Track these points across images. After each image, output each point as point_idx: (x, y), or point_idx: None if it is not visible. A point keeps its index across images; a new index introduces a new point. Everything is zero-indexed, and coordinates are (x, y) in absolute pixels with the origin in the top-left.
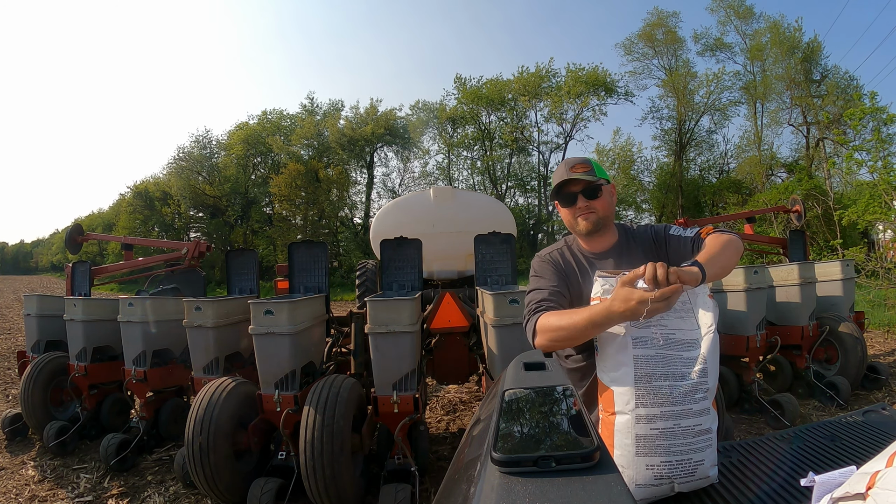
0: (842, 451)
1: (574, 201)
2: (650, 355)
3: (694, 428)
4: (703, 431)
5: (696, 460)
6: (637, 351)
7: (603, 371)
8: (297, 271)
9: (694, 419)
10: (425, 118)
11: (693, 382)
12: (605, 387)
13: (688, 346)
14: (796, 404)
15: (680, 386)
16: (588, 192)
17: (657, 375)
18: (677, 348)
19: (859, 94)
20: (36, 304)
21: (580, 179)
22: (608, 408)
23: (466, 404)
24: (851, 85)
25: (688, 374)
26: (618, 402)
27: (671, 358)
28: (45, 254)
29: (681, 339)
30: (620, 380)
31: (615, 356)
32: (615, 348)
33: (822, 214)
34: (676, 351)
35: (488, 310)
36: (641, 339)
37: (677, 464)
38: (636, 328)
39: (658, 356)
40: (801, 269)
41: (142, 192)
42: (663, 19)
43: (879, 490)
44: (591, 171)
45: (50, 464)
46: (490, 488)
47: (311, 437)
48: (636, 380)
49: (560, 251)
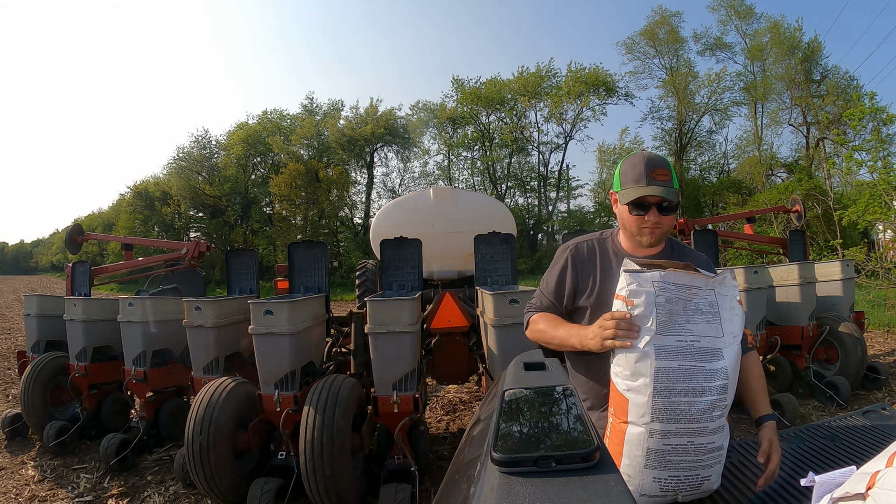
0: (842, 451)
1: (646, 211)
2: (672, 368)
3: (707, 445)
4: (716, 448)
5: (704, 476)
6: (660, 363)
7: (619, 377)
8: (297, 271)
9: (708, 437)
10: (425, 118)
11: (713, 399)
12: (619, 393)
13: (710, 355)
14: (796, 404)
15: (699, 402)
16: (664, 207)
17: (677, 391)
18: (700, 359)
19: (859, 94)
20: (36, 304)
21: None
22: (621, 415)
23: (466, 404)
24: (851, 85)
25: (708, 389)
26: (632, 413)
27: (693, 371)
28: (45, 254)
29: (705, 347)
30: (638, 390)
31: (634, 365)
32: (636, 357)
33: (822, 214)
34: (699, 362)
35: (488, 310)
36: (665, 350)
37: (685, 479)
38: (660, 335)
39: (680, 369)
40: (801, 269)
41: (142, 192)
42: (666, 18)
43: (879, 490)
44: (671, 179)
45: (50, 464)
46: (490, 488)
47: (311, 437)
48: (655, 393)
49: (591, 244)
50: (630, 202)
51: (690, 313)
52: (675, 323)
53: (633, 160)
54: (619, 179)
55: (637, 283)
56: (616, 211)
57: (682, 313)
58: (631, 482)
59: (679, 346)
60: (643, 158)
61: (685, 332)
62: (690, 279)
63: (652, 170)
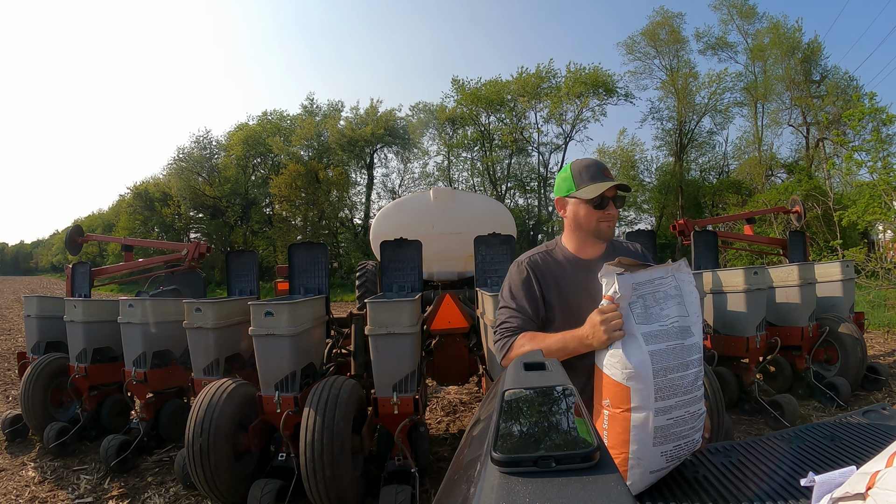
0: (842, 451)
1: (606, 206)
2: (662, 350)
3: (697, 412)
4: (702, 413)
5: (696, 439)
6: (651, 347)
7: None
8: (297, 272)
9: (697, 404)
10: (425, 119)
11: (695, 371)
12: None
13: (686, 333)
14: (796, 405)
15: (688, 375)
16: (619, 200)
17: (671, 368)
18: (680, 337)
19: (859, 94)
20: (36, 306)
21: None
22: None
23: (466, 405)
24: (851, 85)
25: (691, 363)
26: (635, 399)
27: (678, 349)
28: (45, 254)
29: (681, 326)
30: (638, 377)
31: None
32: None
33: (822, 215)
34: (680, 340)
35: (488, 311)
36: (652, 336)
37: (684, 445)
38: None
39: (668, 349)
40: (801, 269)
41: (142, 193)
42: (668, 19)
43: (879, 490)
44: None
45: (50, 465)
46: (490, 488)
47: (312, 438)
48: (655, 374)
49: (543, 255)
50: (592, 198)
51: (662, 300)
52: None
53: (582, 164)
54: (571, 182)
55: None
56: (567, 214)
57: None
58: (640, 464)
59: (662, 330)
60: (591, 162)
61: (663, 317)
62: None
63: (602, 169)
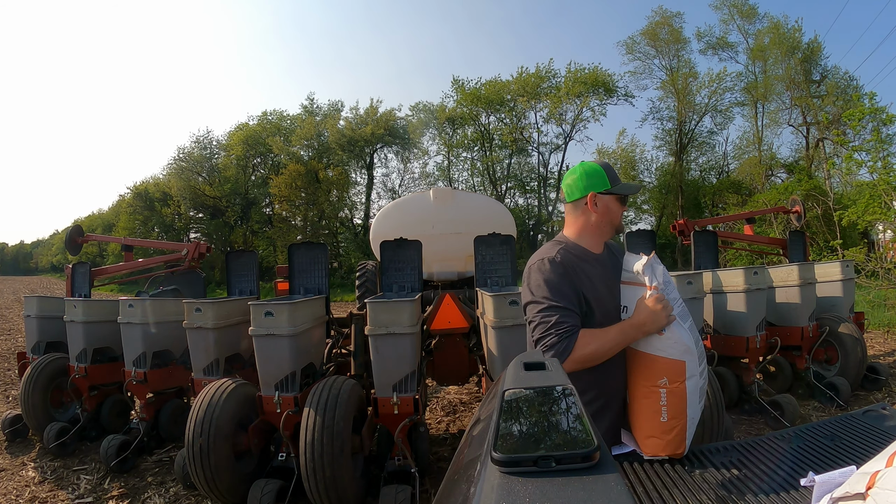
0: (842, 451)
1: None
2: (690, 325)
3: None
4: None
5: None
6: (687, 324)
7: (672, 347)
8: (297, 273)
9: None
10: (425, 119)
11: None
12: (674, 360)
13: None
14: (796, 405)
15: (701, 342)
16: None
17: (697, 338)
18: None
19: (858, 94)
20: (36, 306)
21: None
22: (677, 378)
23: (466, 405)
24: (851, 85)
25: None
26: (690, 369)
27: (693, 323)
28: (45, 254)
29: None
30: (690, 351)
31: (680, 332)
32: (680, 328)
33: (822, 215)
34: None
35: (488, 311)
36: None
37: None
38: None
39: (691, 323)
40: (801, 269)
41: (142, 193)
42: (668, 19)
43: (879, 490)
44: None
45: (50, 465)
46: (490, 488)
47: (312, 438)
48: (696, 343)
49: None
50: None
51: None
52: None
53: (604, 164)
54: (606, 179)
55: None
56: (599, 209)
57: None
58: (693, 423)
59: (683, 310)
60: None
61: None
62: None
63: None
